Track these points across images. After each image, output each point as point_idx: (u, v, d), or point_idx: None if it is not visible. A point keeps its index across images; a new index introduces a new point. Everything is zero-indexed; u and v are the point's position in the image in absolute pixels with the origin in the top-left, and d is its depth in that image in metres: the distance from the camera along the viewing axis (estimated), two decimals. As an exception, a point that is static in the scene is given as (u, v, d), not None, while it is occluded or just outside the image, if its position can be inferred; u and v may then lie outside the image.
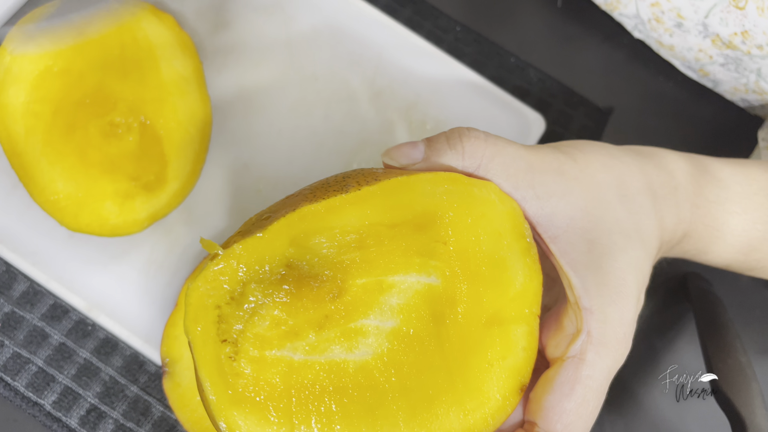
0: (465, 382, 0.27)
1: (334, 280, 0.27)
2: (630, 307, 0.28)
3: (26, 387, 0.39)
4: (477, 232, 0.28)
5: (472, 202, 0.28)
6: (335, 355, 0.26)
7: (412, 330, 0.27)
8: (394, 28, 0.48)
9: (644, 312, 0.47)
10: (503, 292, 0.28)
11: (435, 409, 0.26)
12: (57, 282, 0.40)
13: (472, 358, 0.27)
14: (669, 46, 0.49)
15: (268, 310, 0.26)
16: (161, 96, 0.39)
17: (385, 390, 0.26)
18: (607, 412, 0.45)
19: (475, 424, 0.27)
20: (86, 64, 0.39)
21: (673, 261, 0.48)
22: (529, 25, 0.53)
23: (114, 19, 0.38)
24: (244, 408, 0.25)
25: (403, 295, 0.27)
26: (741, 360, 0.41)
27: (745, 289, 0.49)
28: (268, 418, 0.25)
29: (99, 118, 0.38)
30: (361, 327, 0.27)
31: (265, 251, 0.26)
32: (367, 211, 0.27)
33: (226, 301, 0.25)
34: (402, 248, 0.28)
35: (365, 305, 0.27)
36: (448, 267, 0.28)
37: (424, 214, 0.28)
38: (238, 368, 0.25)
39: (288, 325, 0.26)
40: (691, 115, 0.52)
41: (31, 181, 0.37)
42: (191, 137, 0.39)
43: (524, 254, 0.29)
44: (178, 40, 0.40)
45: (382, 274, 0.27)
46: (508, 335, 0.28)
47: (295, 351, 0.26)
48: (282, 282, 0.26)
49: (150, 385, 0.40)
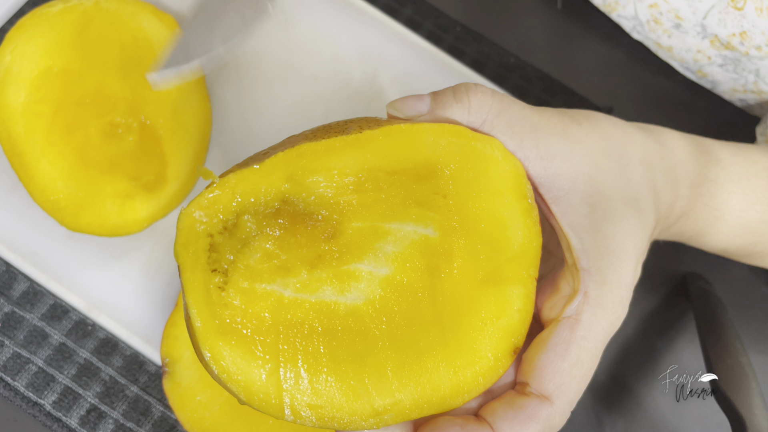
0: (457, 339, 0.26)
1: (330, 221, 0.26)
2: (628, 271, 0.28)
3: (26, 387, 0.39)
4: (478, 188, 0.28)
5: (475, 157, 0.28)
6: (326, 296, 0.26)
7: (405, 279, 0.27)
8: (394, 28, 0.48)
9: (644, 312, 0.47)
10: (501, 251, 0.28)
11: (425, 363, 0.26)
12: (57, 282, 0.40)
13: (465, 315, 0.27)
14: (667, 47, 0.49)
15: (260, 242, 0.25)
16: (161, 96, 0.39)
17: (375, 337, 0.26)
18: (607, 412, 0.45)
19: (465, 381, 0.26)
20: (86, 63, 0.39)
21: (673, 261, 0.48)
22: (529, 25, 0.53)
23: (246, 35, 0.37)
24: (230, 339, 0.24)
25: (398, 244, 0.27)
26: (741, 360, 0.41)
27: (745, 289, 0.49)
28: (255, 353, 0.24)
29: (99, 118, 0.38)
30: (354, 271, 0.26)
31: (261, 183, 0.25)
32: (367, 154, 0.26)
33: (218, 230, 0.25)
34: (400, 197, 0.27)
35: (360, 249, 0.26)
36: (446, 220, 0.27)
37: (424, 165, 0.27)
38: (226, 299, 0.24)
39: (280, 260, 0.25)
40: (689, 115, 0.52)
41: (31, 181, 0.37)
42: (191, 137, 0.39)
43: (525, 215, 0.28)
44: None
45: (379, 220, 0.27)
46: (504, 295, 0.27)
47: (285, 287, 0.25)
48: (276, 216, 0.26)
49: (150, 385, 0.40)
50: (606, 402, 0.45)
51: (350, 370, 0.25)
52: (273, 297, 0.25)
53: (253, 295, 0.25)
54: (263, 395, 0.24)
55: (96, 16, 0.39)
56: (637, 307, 0.47)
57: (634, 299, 0.47)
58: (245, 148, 0.44)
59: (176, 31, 0.41)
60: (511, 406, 0.26)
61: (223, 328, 0.24)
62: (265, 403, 0.24)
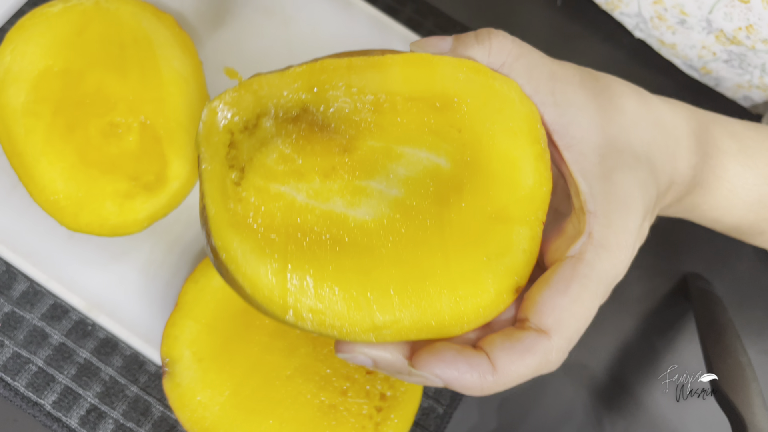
0: (460, 269, 0.26)
1: (345, 136, 0.27)
2: (634, 218, 0.28)
3: (26, 387, 0.39)
4: (492, 126, 0.28)
5: (492, 95, 0.28)
6: (336, 207, 0.26)
7: (415, 203, 0.27)
8: (394, 28, 0.48)
9: (644, 312, 0.47)
10: (511, 191, 0.28)
11: (427, 287, 0.26)
12: (57, 282, 0.40)
13: (470, 248, 0.27)
14: (671, 45, 0.49)
15: (278, 144, 0.26)
16: (161, 96, 0.39)
17: (381, 255, 0.26)
18: (607, 412, 0.45)
19: (465, 311, 0.26)
20: (86, 63, 0.39)
21: (673, 261, 0.48)
22: (529, 24, 0.53)
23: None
24: (241, 232, 0.25)
25: (411, 168, 0.27)
26: (741, 360, 0.41)
27: (745, 289, 0.49)
28: (264, 249, 0.25)
29: (99, 118, 0.38)
30: (366, 187, 0.27)
31: (283, 89, 0.26)
32: (387, 77, 0.27)
33: (239, 129, 0.26)
34: (416, 123, 0.27)
35: (372, 168, 0.27)
36: (459, 153, 0.28)
37: (442, 96, 0.28)
38: (241, 193, 0.25)
39: (295, 165, 0.26)
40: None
41: (31, 181, 0.37)
42: (191, 137, 0.39)
43: (537, 159, 0.28)
44: (177, 40, 0.40)
45: (394, 142, 0.27)
46: (510, 234, 0.27)
47: (298, 192, 0.26)
48: (295, 122, 0.26)
49: (150, 385, 0.40)
50: (606, 402, 0.45)
51: (354, 281, 0.25)
52: (285, 199, 0.26)
53: (266, 194, 0.26)
54: (267, 292, 0.25)
55: (96, 16, 0.39)
56: (638, 306, 0.47)
57: (633, 299, 0.47)
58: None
59: (176, 31, 0.41)
60: (509, 338, 0.26)
61: (235, 220, 0.25)
62: (269, 300, 0.25)
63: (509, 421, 0.44)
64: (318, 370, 0.37)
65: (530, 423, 0.44)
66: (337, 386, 0.37)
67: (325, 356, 0.37)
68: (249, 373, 0.36)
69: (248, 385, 0.36)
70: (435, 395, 0.42)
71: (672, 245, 0.49)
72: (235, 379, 0.36)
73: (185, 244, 0.42)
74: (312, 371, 0.37)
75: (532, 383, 0.45)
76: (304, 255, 0.25)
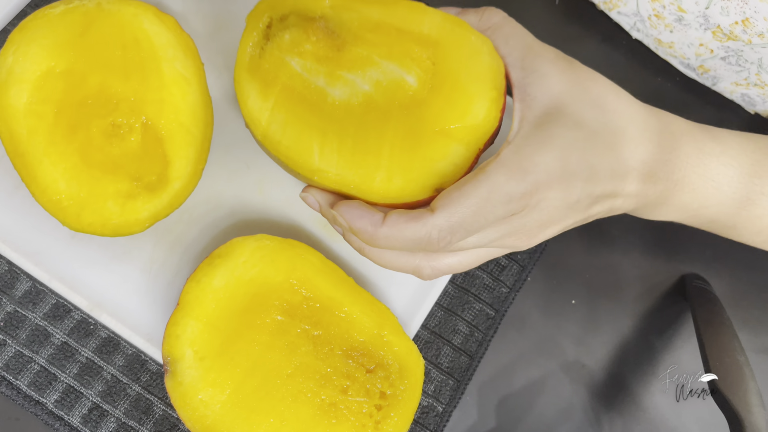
0: (399, 159, 0.34)
1: (343, 39, 0.36)
2: (547, 159, 0.31)
3: (28, 386, 0.39)
4: (461, 67, 0.35)
5: (467, 44, 0.35)
6: (319, 82, 0.36)
7: (378, 99, 0.36)
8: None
9: (643, 311, 0.47)
10: (460, 118, 0.34)
11: (367, 161, 0.35)
12: (59, 281, 0.40)
13: (413, 146, 0.34)
14: (668, 44, 0.49)
15: (295, 31, 0.37)
16: (163, 97, 0.39)
17: (340, 125, 0.35)
18: (606, 411, 0.45)
19: (389, 190, 0.34)
20: (88, 65, 0.39)
21: (671, 261, 0.49)
22: (527, 25, 0.53)
23: None
24: (253, 76, 0.36)
25: (384, 75, 0.36)
26: (739, 359, 0.41)
27: (743, 289, 0.49)
28: (266, 94, 0.36)
29: (101, 119, 0.39)
30: (344, 76, 0.36)
31: (310, 1, 0.37)
32: (389, 12, 0.36)
33: (276, 18, 0.37)
34: (400, 48, 0.36)
35: (354, 65, 0.36)
36: (428, 78, 0.35)
37: (427, 37, 0.36)
38: (262, 54, 0.37)
39: (302, 47, 0.37)
40: (689, 115, 0.52)
41: (34, 182, 0.38)
42: (193, 138, 0.40)
43: (492, 102, 0.34)
44: (179, 41, 0.40)
45: (377, 55, 0.36)
46: (449, 147, 0.34)
47: (296, 64, 0.37)
48: (311, 21, 0.37)
49: (152, 384, 0.40)
50: (604, 401, 0.45)
51: (312, 133, 0.35)
52: (287, 66, 0.37)
53: (279, 61, 0.37)
54: (255, 115, 0.36)
55: (98, 18, 0.39)
56: (636, 306, 0.47)
57: (632, 298, 0.47)
58: (246, 148, 0.45)
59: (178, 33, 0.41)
60: (405, 212, 0.32)
61: (251, 67, 0.37)
62: (255, 118, 0.36)
63: (508, 420, 0.44)
64: (318, 368, 0.37)
65: (529, 422, 0.44)
66: (337, 385, 0.37)
67: (325, 355, 0.38)
68: (250, 372, 0.37)
69: (249, 383, 0.36)
70: (435, 394, 0.42)
71: (670, 245, 0.49)
72: (237, 377, 0.36)
73: (187, 244, 0.42)
74: (312, 370, 0.37)
75: (531, 382, 0.46)
76: (286, 103, 0.36)
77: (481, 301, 0.44)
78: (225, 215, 0.43)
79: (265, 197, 0.44)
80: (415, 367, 0.38)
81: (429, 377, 0.43)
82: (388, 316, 0.39)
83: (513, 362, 0.45)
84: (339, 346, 0.38)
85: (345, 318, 0.38)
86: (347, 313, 0.38)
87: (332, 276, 0.39)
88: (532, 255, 0.46)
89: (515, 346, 0.45)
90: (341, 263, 0.43)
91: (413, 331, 0.42)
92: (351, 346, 0.38)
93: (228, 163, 0.44)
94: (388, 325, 0.38)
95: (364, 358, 0.38)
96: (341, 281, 0.39)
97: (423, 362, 0.39)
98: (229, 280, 0.37)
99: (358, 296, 0.39)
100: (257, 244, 0.39)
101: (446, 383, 0.43)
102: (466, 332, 0.44)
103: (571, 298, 0.47)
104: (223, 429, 0.36)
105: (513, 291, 0.45)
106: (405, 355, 0.38)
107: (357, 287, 0.39)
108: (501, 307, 0.45)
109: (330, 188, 0.35)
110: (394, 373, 0.38)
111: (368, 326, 0.38)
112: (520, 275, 0.45)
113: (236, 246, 0.38)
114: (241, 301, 0.37)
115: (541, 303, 0.47)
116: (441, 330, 0.44)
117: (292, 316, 0.38)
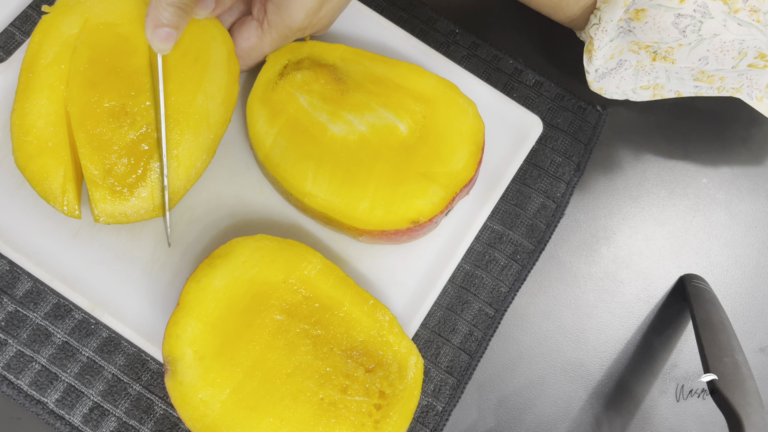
0: (383, 193, 0.40)
1: (347, 85, 0.43)
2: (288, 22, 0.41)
3: (29, 385, 0.40)
4: (448, 123, 0.42)
5: (455, 105, 0.42)
6: (321, 118, 0.42)
7: (371, 139, 0.41)
8: (393, 30, 0.48)
9: (642, 311, 0.48)
10: (442, 165, 0.41)
11: (354, 191, 0.40)
12: (60, 281, 0.40)
13: (396, 183, 0.40)
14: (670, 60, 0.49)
15: (307, 73, 0.43)
16: (178, 119, 0.39)
17: (335, 158, 0.41)
18: (605, 411, 0.45)
19: (371, 218, 0.40)
20: (144, 43, 0.40)
21: (671, 261, 0.49)
22: (527, 25, 0.53)
23: None
24: (265, 105, 0.42)
25: (379, 120, 0.42)
26: (737, 359, 0.41)
27: (742, 289, 0.49)
28: (273, 121, 0.41)
29: (117, 94, 0.39)
30: (344, 116, 0.42)
31: (326, 52, 0.44)
32: (390, 69, 0.43)
33: (293, 61, 0.43)
34: (396, 99, 0.42)
35: (354, 108, 0.42)
36: (417, 128, 0.42)
37: (422, 95, 0.43)
38: (276, 87, 0.42)
39: (310, 86, 0.43)
40: (689, 113, 0.53)
41: (27, 101, 0.39)
42: (204, 140, 0.40)
43: (470, 156, 0.41)
44: (230, 67, 0.41)
45: (375, 102, 0.42)
46: (429, 188, 0.40)
47: (304, 100, 0.42)
48: (322, 67, 0.43)
49: (152, 384, 0.40)
50: (604, 400, 0.45)
51: (310, 160, 0.41)
52: (296, 102, 0.42)
53: (289, 95, 0.42)
54: (261, 138, 0.41)
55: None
56: (635, 306, 0.47)
57: (631, 299, 0.47)
58: (247, 150, 0.45)
59: None
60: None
61: (264, 97, 0.42)
62: (260, 141, 0.41)
63: (507, 420, 0.44)
64: (318, 368, 0.37)
65: (528, 422, 0.44)
66: (337, 384, 0.37)
67: (325, 354, 0.38)
68: (250, 372, 0.37)
69: (249, 383, 0.36)
70: (434, 393, 0.43)
71: (670, 245, 0.49)
72: (237, 377, 0.36)
73: (187, 244, 0.42)
74: (312, 369, 0.37)
75: (530, 382, 0.46)
76: (289, 131, 0.41)
77: (481, 300, 0.45)
78: (225, 215, 0.43)
79: (265, 197, 0.44)
80: (415, 366, 0.38)
81: (428, 376, 0.43)
82: (388, 316, 0.39)
83: (512, 361, 0.45)
84: (338, 345, 0.38)
85: (344, 318, 0.38)
86: (347, 313, 0.38)
87: (332, 276, 0.39)
88: (532, 255, 0.46)
89: (515, 346, 0.45)
90: (341, 263, 0.43)
91: (413, 330, 0.42)
92: (350, 346, 0.38)
93: (229, 163, 0.44)
94: (388, 325, 0.39)
95: (364, 357, 0.38)
96: (341, 281, 0.39)
97: (422, 361, 0.39)
98: (229, 280, 0.38)
99: (357, 296, 0.39)
100: (257, 245, 0.39)
101: (446, 382, 0.43)
102: (466, 331, 0.44)
103: (570, 297, 0.47)
104: (223, 428, 0.36)
105: (512, 290, 0.45)
106: (404, 355, 0.38)
107: (357, 287, 0.39)
108: (500, 307, 0.45)
109: (317, 210, 0.40)
110: (394, 373, 0.38)
111: (368, 326, 0.38)
112: (520, 275, 0.45)
113: (236, 246, 0.39)
114: (241, 301, 0.38)
115: (541, 302, 0.47)
116: (440, 329, 0.44)
117: (292, 315, 0.38)
